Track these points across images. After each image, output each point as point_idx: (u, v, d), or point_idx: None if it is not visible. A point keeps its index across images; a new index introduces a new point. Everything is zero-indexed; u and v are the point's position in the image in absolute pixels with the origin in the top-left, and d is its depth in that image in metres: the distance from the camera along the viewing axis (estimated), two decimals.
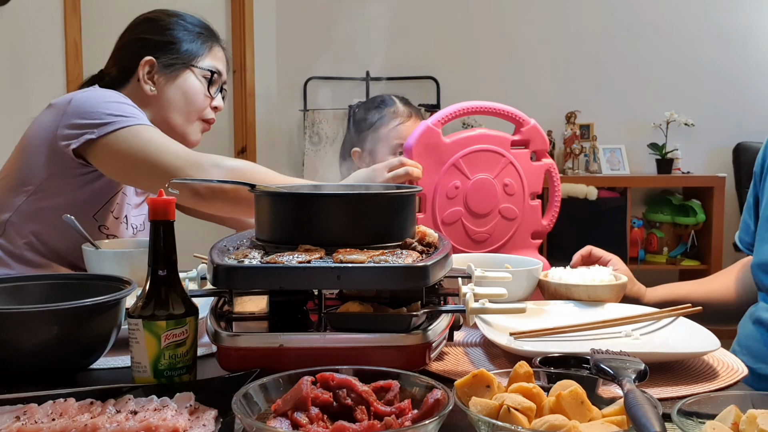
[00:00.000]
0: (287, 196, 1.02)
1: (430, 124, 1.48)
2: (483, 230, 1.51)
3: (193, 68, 1.59)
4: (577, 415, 0.68)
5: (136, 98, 1.53)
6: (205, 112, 1.63)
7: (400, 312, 0.89)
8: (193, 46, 1.60)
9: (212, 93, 1.62)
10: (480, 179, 1.50)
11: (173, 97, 1.58)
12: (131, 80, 1.58)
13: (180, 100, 1.59)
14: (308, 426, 0.65)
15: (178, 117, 1.60)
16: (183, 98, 1.59)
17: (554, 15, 4.18)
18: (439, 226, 1.48)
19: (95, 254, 1.32)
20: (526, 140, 1.55)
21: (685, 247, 4.06)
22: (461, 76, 4.14)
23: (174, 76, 1.58)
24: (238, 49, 4.00)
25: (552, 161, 1.58)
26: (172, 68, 1.57)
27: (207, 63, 1.61)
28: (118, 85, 1.57)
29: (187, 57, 1.59)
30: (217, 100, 1.65)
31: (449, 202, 1.49)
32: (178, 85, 1.58)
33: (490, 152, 1.51)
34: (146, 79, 1.56)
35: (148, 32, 1.59)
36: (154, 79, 1.57)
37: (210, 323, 0.88)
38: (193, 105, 1.60)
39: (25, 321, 0.88)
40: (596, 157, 4.06)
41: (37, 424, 0.71)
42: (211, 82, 1.61)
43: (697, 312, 1.13)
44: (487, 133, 1.52)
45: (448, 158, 1.48)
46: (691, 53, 4.16)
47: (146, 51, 1.56)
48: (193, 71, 1.59)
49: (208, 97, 1.62)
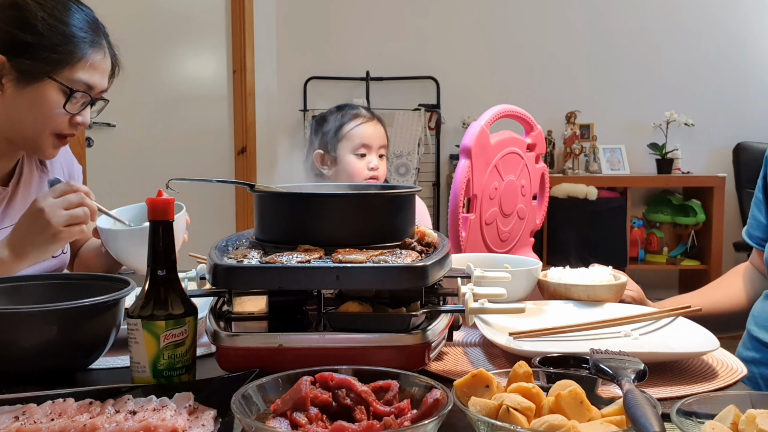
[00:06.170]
0: (287, 196, 1.02)
1: (483, 125, 1.48)
2: (506, 230, 1.53)
3: (51, 80, 1.31)
4: (577, 415, 0.68)
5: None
6: (61, 128, 1.37)
7: (400, 312, 0.89)
8: (59, 54, 1.31)
9: (70, 110, 1.35)
10: (509, 181, 1.52)
11: (21, 106, 1.33)
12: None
13: (29, 112, 1.33)
14: (307, 426, 0.65)
15: (26, 128, 1.35)
16: (32, 112, 1.33)
17: (554, 15, 4.19)
18: (482, 226, 1.48)
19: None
20: (534, 144, 1.61)
21: (685, 247, 4.06)
22: (461, 76, 4.14)
23: (25, 84, 1.31)
24: (238, 49, 4.00)
25: (545, 165, 1.67)
26: (26, 75, 1.31)
27: (74, 75, 1.33)
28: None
29: (47, 66, 1.31)
30: (82, 116, 1.38)
31: (490, 202, 1.50)
32: (28, 94, 1.32)
33: (515, 155, 1.54)
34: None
35: (7, 23, 1.31)
36: (2, 80, 1.31)
37: (209, 323, 0.88)
38: (46, 121, 1.34)
39: (24, 321, 0.87)
40: (596, 157, 4.06)
41: (36, 424, 0.71)
42: (70, 98, 1.33)
43: (696, 312, 1.13)
44: (513, 136, 1.54)
45: (491, 160, 1.49)
46: (691, 53, 4.16)
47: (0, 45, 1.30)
48: (52, 83, 1.31)
49: (68, 113, 1.35)
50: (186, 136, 3.92)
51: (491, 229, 1.50)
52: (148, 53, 3.67)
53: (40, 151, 1.41)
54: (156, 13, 3.83)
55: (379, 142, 2.06)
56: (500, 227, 1.52)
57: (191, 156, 3.91)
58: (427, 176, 4.12)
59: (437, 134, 4.09)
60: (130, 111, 3.55)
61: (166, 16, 3.87)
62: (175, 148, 3.88)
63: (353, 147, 2.04)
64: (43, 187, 1.49)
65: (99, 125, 3.57)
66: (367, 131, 2.05)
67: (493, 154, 1.49)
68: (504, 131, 1.54)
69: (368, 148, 2.04)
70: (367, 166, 2.03)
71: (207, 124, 4.00)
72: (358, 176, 2.01)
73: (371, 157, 2.04)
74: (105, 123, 3.60)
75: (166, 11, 3.87)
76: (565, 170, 4.02)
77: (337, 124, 2.07)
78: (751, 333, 1.33)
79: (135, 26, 3.56)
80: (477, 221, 1.47)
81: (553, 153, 4.14)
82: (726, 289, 1.49)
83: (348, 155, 2.04)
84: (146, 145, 3.81)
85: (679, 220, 3.98)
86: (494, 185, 1.49)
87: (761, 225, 1.44)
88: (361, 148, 2.03)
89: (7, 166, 1.45)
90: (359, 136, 2.04)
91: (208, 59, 4.06)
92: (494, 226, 1.51)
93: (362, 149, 2.03)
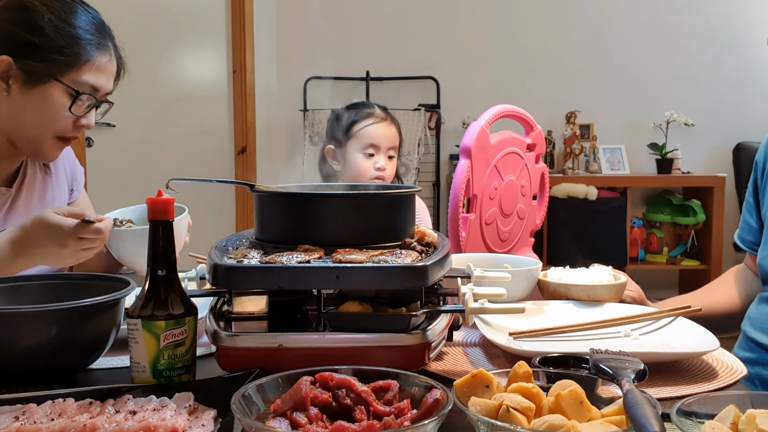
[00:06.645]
0: (287, 196, 1.02)
1: (483, 125, 1.48)
2: (506, 230, 1.53)
3: (57, 82, 1.32)
4: (577, 415, 0.68)
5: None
6: (65, 131, 1.37)
7: (400, 312, 0.89)
8: (65, 56, 1.31)
9: (75, 112, 1.35)
10: (509, 181, 1.52)
11: (26, 108, 1.33)
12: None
13: (33, 113, 1.33)
14: (307, 426, 0.65)
15: (30, 129, 1.35)
16: (37, 113, 1.34)
17: (554, 15, 4.19)
18: (482, 226, 1.48)
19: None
20: (534, 144, 1.60)
21: (685, 247, 4.06)
22: (461, 76, 4.14)
23: (31, 86, 1.32)
24: (238, 49, 4.00)
25: (545, 165, 1.66)
26: (32, 76, 1.31)
27: (80, 78, 1.33)
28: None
29: (53, 68, 1.31)
30: (87, 118, 1.38)
31: (490, 202, 1.50)
32: (34, 96, 1.32)
33: (515, 155, 1.53)
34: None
35: (15, 24, 1.31)
36: (8, 81, 1.31)
37: (209, 323, 0.88)
38: (50, 122, 1.35)
39: (24, 321, 0.87)
40: (596, 157, 4.06)
41: (36, 424, 0.71)
42: (76, 100, 1.34)
43: (696, 312, 1.13)
44: (514, 136, 1.54)
45: (491, 160, 1.49)
46: (691, 53, 4.16)
47: (5, 47, 1.30)
48: (58, 85, 1.32)
49: (73, 115, 1.35)
50: (186, 136, 3.92)
51: (491, 229, 1.50)
52: (148, 53, 3.67)
53: (42, 153, 1.41)
54: (156, 13, 3.84)
55: (388, 143, 2.06)
56: (500, 227, 1.52)
57: (191, 156, 3.91)
58: (427, 176, 4.12)
59: (437, 134, 4.09)
60: (130, 111, 3.55)
61: (166, 16, 3.87)
62: (175, 148, 3.88)
63: (362, 146, 2.04)
64: (46, 189, 1.50)
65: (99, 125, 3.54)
66: (378, 131, 2.05)
67: (493, 154, 1.49)
68: (504, 131, 1.54)
69: (377, 149, 2.05)
70: (374, 166, 2.04)
71: (207, 124, 4.00)
72: (364, 175, 2.02)
73: (379, 157, 2.05)
74: (105, 123, 3.60)
75: (166, 11, 3.87)
76: (565, 170, 4.02)
77: (349, 121, 2.07)
78: (747, 334, 1.34)
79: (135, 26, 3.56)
80: (477, 221, 1.47)
81: (553, 153, 4.14)
82: (722, 291, 1.50)
83: (356, 154, 2.05)
84: (146, 145, 3.81)
85: (679, 220, 3.98)
86: (494, 185, 1.49)
87: (752, 229, 1.45)
88: (369, 147, 2.04)
89: (10, 167, 1.45)
90: (368, 136, 2.04)
91: (208, 59, 4.06)
92: (494, 226, 1.51)
93: (370, 149, 2.04)
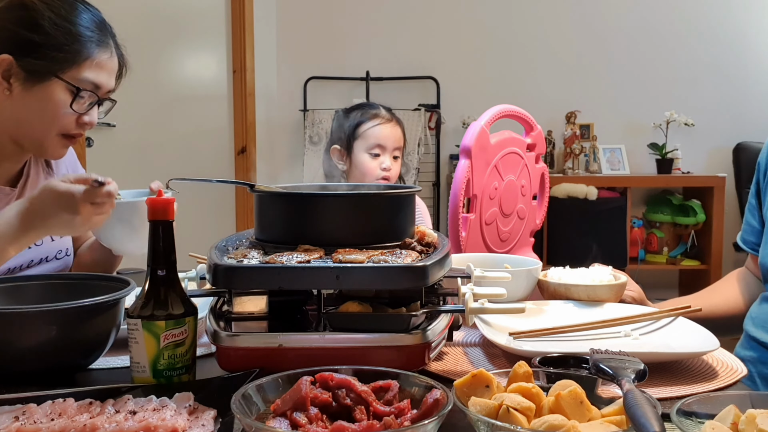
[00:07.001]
0: (287, 196, 1.02)
1: (483, 125, 1.47)
2: (506, 230, 1.53)
3: (58, 79, 1.32)
4: (577, 415, 0.68)
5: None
6: (68, 128, 1.37)
7: (400, 312, 0.89)
8: (66, 53, 1.32)
9: (77, 109, 1.35)
10: (509, 181, 1.52)
11: (28, 106, 1.34)
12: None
13: (35, 112, 1.34)
14: (307, 426, 0.65)
15: (33, 128, 1.36)
16: (39, 111, 1.34)
17: (554, 15, 4.19)
18: (482, 226, 1.48)
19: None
20: (534, 144, 1.61)
21: (685, 247, 4.06)
22: (461, 76, 4.14)
23: (33, 84, 1.32)
24: (238, 49, 4.00)
25: (545, 165, 1.66)
26: (33, 74, 1.32)
27: (81, 75, 1.33)
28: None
29: (54, 65, 1.32)
30: (89, 115, 1.39)
31: (490, 202, 1.50)
32: (35, 94, 1.33)
33: (515, 155, 1.53)
34: (1, 78, 1.32)
35: (15, 23, 1.32)
36: (10, 80, 1.32)
37: (209, 323, 0.88)
38: (53, 120, 1.35)
39: (24, 321, 0.87)
40: (596, 157, 4.06)
41: (36, 424, 0.71)
42: (77, 97, 1.34)
43: (696, 312, 1.13)
44: (513, 136, 1.54)
45: (491, 160, 1.49)
46: (691, 53, 4.16)
47: (6, 46, 1.31)
48: (59, 82, 1.32)
49: (75, 112, 1.36)
50: (186, 136, 3.92)
51: (491, 229, 1.50)
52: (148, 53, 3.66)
53: (47, 151, 1.41)
54: (156, 13, 3.83)
55: (394, 143, 2.10)
56: (500, 227, 1.52)
57: (191, 156, 3.91)
58: (427, 176, 4.12)
59: (437, 134, 4.09)
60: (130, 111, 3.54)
61: (166, 16, 3.87)
62: (175, 148, 3.88)
63: (368, 146, 2.08)
64: None
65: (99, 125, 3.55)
66: (384, 132, 2.08)
67: (493, 154, 1.49)
68: (504, 131, 1.54)
69: (383, 149, 2.08)
70: (380, 166, 2.07)
71: (207, 124, 4.00)
72: (370, 175, 2.06)
73: (385, 157, 2.08)
74: (105, 123, 3.59)
75: (166, 11, 3.87)
76: (565, 170, 4.02)
77: (355, 122, 2.11)
78: (749, 333, 1.34)
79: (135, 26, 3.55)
80: (477, 221, 1.47)
81: (553, 153, 4.14)
82: (723, 293, 1.50)
83: (362, 154, 2.08)
84: (146, 145, 3.81)
85: (679, 220, 3.98)
86: (494, 185, 1.49)
87: (755, 230, 1.45)
88: (375, 148, 2.07)
89: (14, 167, 1.45)
90: (375, 137, 2.08)
91: (208, 59, 4.06)
92: (494, 226, 1.51)
93: (376, 149, 2.07)
